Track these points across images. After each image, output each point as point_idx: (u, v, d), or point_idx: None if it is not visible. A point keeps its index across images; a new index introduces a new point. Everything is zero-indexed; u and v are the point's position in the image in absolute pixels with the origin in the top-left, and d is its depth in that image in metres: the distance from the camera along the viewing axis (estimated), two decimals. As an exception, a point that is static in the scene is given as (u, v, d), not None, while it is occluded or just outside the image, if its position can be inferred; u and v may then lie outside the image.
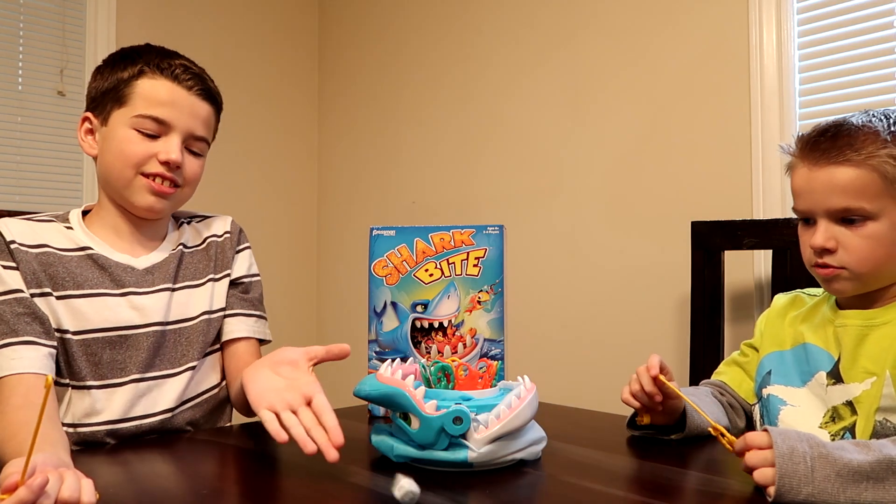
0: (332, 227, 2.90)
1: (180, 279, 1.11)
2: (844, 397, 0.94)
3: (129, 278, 1.06)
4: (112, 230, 1.08)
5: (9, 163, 2.26)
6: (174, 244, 1.13)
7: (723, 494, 0.76)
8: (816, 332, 1.01)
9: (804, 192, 0.97)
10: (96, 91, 1.07)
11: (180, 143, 1.05)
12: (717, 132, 1.83)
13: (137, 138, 1.03)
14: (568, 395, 1.67)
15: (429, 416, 0.80)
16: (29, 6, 2.31)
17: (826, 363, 0.98)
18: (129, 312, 1.04)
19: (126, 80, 1.04)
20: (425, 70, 2.59)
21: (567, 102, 2.15)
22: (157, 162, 1.03)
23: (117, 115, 1.04)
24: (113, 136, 1.04)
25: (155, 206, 1.05)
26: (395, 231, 1.18)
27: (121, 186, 1.04)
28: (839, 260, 0.94)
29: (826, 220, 0.95)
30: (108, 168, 1.05)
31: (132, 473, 0.85)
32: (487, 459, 0.81)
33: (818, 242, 0.95)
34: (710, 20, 1.85)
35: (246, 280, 1.19)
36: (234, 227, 1.20)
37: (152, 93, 1.04)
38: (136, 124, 1.03)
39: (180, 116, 1.04)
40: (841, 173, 0.92)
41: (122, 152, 1.03)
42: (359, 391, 0.87)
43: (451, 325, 1.16)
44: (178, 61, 1.07)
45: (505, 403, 0.83)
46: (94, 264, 1.05)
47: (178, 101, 1.04)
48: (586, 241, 2.08)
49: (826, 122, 0.97)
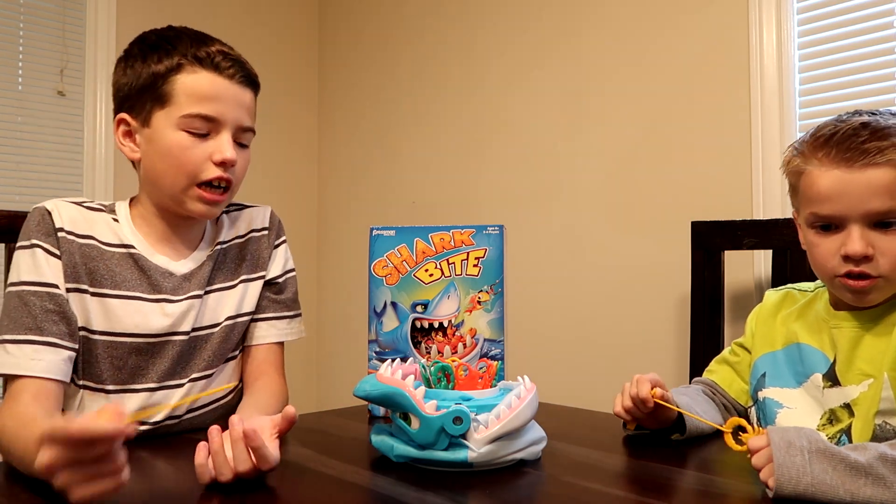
0: (332, 227, 2.90)
1: (213, 282, 1.07)
2: (842, 400, 0.94)
3: (167, 284, 1.03)
4: (153, 230, 1.04)
5: (9, 163, 2.26)
6: (211, 244, 1.09)
7: (723, 494, 0.76)
8: (811, 332, 1.00)
9: (836, 195, 0.90)
10: (129, 88, 0.99)
11: (231, 138, 0.99)
12: (717, 132, 1.83)
13: (189, 141, 0.97)
14: (568, 395, 1.67)
15: (429, 416, 0.80)
16: (29, 6, 2.31)
17: (822, 365, 0.97)
18: (160, 320, 1.01)
19: (163, 74, 0.97)
20: (425, 70, 2.59)
21: (567, 102, 2.15)
22: (212, 164, 0.98)
23: (160, 115, 0.97)
24: (160, 138, 0.98)
25: (207, 213, 1.02)
26: (395, 231, 1.18)
27: (173, 193, 1.00)
28: (877, 268, 0.89)
29: (860, 226, 0.89)
30: (159, 174, 0.99)
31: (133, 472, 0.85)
32: (487, 459, 0.81)
33: (859, 250, 0.88)
34: (710, 20, 1.85)
35: (281, 280, 1.15)
36: (273, 221, 1.16)
37: (195, 88, 0.97)
38: (185, 125, 0.97)
39: (227, 109, 0.98)
40: (881, 174, 0.87)
41: (175, 159, 0.97)
42: (359, 391, 0.87)
43: (451, 325, 1.16)
44: (214, 48, 1.00)
45: (505, 403, 0.83)
46: (135, 265, 1.01)
47: (223, 94, 0.98)
48: (586, 241, 2.08)
49: (848, 123, 0.92)
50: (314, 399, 2.85)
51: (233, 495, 0.73)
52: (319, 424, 1.10)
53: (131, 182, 1.09)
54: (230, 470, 0.73)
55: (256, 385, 1.10)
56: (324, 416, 1.17)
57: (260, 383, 1.10)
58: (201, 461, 0.74)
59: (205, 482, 0.74)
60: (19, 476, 0.80)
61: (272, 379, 1.11)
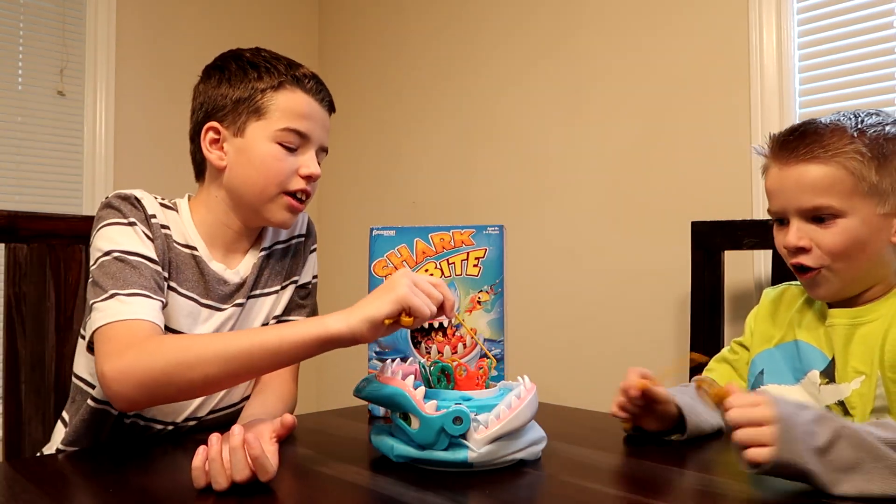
0: (332, 227, 2.90)
1: (255, 288, 1.11)
2: (836, 397, 0.94)
3: (220, 291, 1.06)
4: (215, 236, 1.08)
5: (9, 163, 2.26)
6: (259, 249, 1.13)
7: (723, 495, 0.76)
8: (809, 329, 1.01)
9: (776, 191, 0.97)
10: (225, 98, 1.04)
11: (314, 155, 1.06)
12: (717, 132, 1.83)
13: (282, 154, 1.03)
14: (568, 395, 1.67)
15: (429, 416, 0.80)
16: (29, 6, 2.31)
17: (820, 362, 0.98)
18: (206, 325, 1.04)
19: (263, 90, 1.03)
20: (425, 70, 2.59)
21: (567, 102, 2.15)
22: (299, 177, 1.04)
23: (256, 127, 1.03)
24: (253, 148, 1.03)
25: (288, 221, 1.07)
26: (395, 231, 1.18)
27: (260, 201, 1.04)
28: (816, 259, 0.94)
29: (798, 220, 0.95)
30: (247, 182, 1.04)
31: (132, 473, 0.85)
32: (487, 459, 0.81)
33: (791, 242, 0.95)
34: (710, 20, 1.84)
35: (310, 285, 1.21)
36: (310, 229, 1.23)
37: (294, 106, 1.03)
38: (280, 138, 1.03)
39: (315, 129, 1.05)
40: (810, 171, 0.93)
41: (268, 168, 1.03)
42: (359, 391, 0.87)
43: (451, 326, 1.16)
44: (309, 72, 1.07)
45: (505, 403, 0.83)
46: (196, 267, 1.05)
47: (315, 115, 1.05)
48: (586, 241, 2.08)
49: (796, 123, 0.98)
50: (314, 399, 2.85)
51: (232, 495, 0.73)
52: (319, 424, 1.10)
53: (131, 182, 1.09)
54: (226, 479, 0.74)
55: (268, 384, 1.11)
56: (324, 416, 1.17)
57: (271, 383, 1.11)
58: (198, 465, 0.74)
59: (200, 486, 0.74)
60: (19, 476, 0.80)
61: (284, 381, 1.12)
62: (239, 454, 0.74)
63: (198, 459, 0.75)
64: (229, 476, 0.74)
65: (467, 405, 0.81)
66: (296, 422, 0.86)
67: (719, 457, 0.94)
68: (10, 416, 1.17)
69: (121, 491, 0.78)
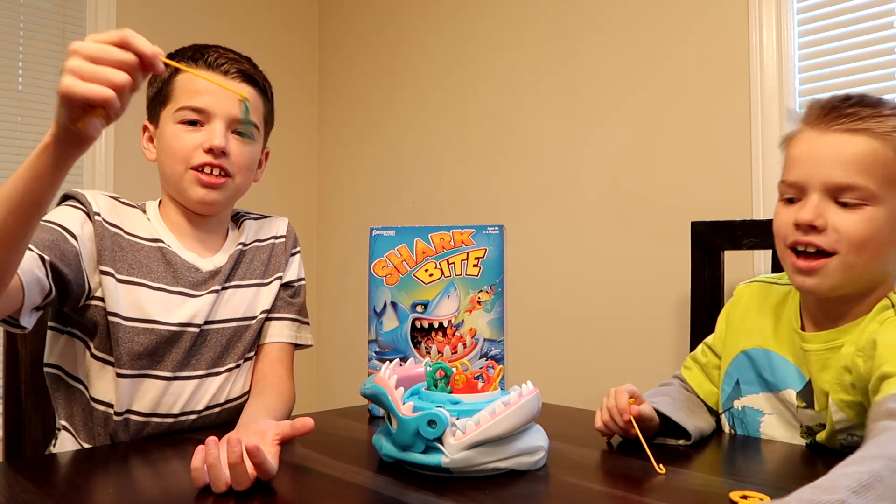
0: (332, 227, 2.90)
1: (230, 279, 1.12)
2: (817, 420, 0.93)
3: (191, 278, 1.08)
4: (179, 227, 1.11)
5: (9, 163, 2.26)
6: (234, 244, 1.15)
7: (723, 495, 0.76)
8: (781, 343, 0.97)
9: (803, 159, 0.85)
10: (148, 99, 1.11)
11: (224, 129, 1.06)
12: (717, 132, 1.83)
13: (182, 131, 1.05)
14: (568, 395, 1.67)
15: (404, 417, 0.79)
16: (29, 6, 2.31)
17: (796, 382, 0.94)
18: (180, 312, 1.05)
19: (167, 79, 1.07)
20: (425, 70, 2.59)
21: (567, 102, 2.15)
22: (202, 151, 1.04)
23: (164, 114, 1.07)
24: (161, 133, 1.08)
25: (206, 198, 1.06)
26: (395, 231, 1.18)
27: (175, 183, 1.07)
28: (830, 242, 0.83)
29: (820, 195, 0.83)
30: (162, 166, 1.08)
31: (132, 473, 0.85)
32: (464, 466, 0.77)
33: (805, 217, 0.83)
34: (710, 20, 1.85)
35: (296, 284, 1.22)
36: (290, 231, 1.24)
37: (190, 84, 1.05)
38: (178, 117, 1.05)
39: (218, 101, 1.05)
40: (854, 143, 0.81)
41: (170, 148, 1.06)
42: (361, 390, 0.88)
43: (450, 326, 1.16)
44: (212, 49, 1.09)
45: (488, 410, 0.78)
46: (163, 258, 1.07)
47: (214, 87, 1.04)
48: (586, 241, 2.08)
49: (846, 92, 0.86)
50: (314, 399, 2.85)
51: (231, 495, 0.73)
52: (319, 424, 1.10)
53: (131, 182, 1.10)
54: (225, 484, 0.73)
55: (265, 383, 1.11)
56: (324, 416, 1.17)
57: (269, 382, 1.11)
58: (197, 465, 0.74)
59: (199, 486, 0.74)
60: (20, 476, 0.80)
61: (282, 379, 1.12)
62: (239, 469, 0.73)
63: (196, 460, 0.74)
64: (228, 483, 0.73)
65: (454, 409, 0.80)
66: (312, 426, 0.83)
67: (719, 457, 0.94)
68: (10, 416, 1.17)
69: (121, 491, 0.78)
